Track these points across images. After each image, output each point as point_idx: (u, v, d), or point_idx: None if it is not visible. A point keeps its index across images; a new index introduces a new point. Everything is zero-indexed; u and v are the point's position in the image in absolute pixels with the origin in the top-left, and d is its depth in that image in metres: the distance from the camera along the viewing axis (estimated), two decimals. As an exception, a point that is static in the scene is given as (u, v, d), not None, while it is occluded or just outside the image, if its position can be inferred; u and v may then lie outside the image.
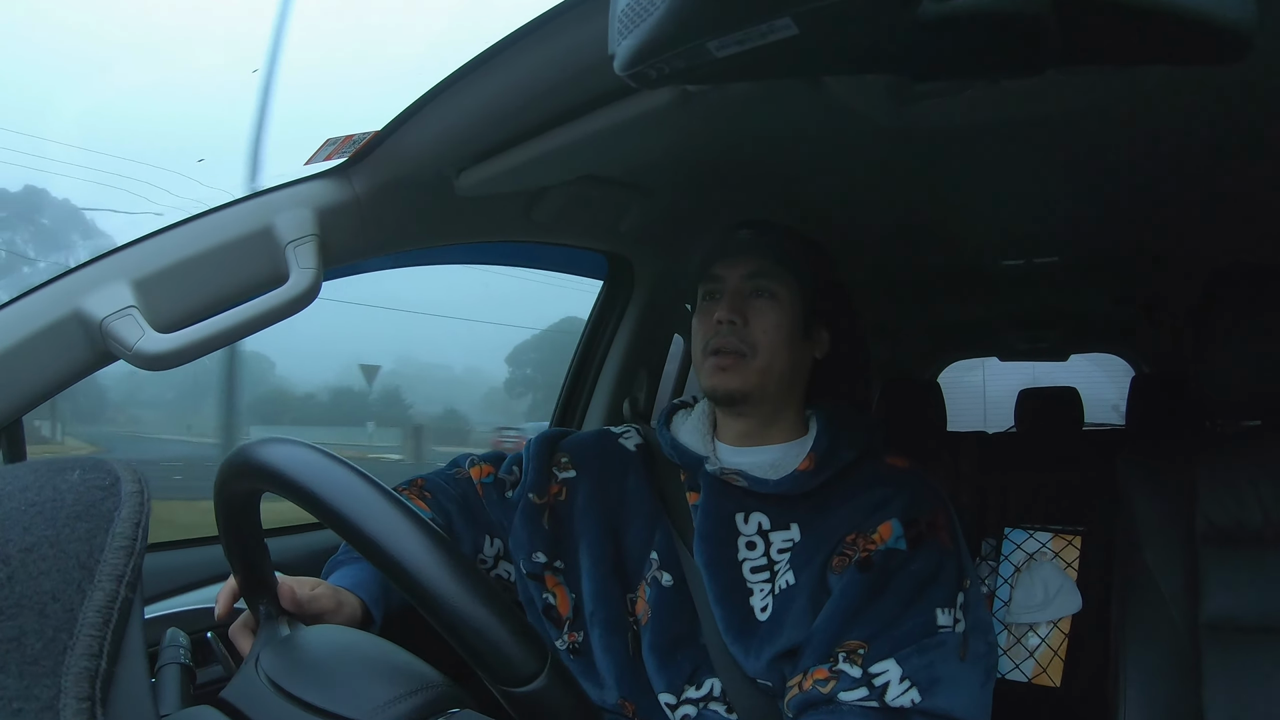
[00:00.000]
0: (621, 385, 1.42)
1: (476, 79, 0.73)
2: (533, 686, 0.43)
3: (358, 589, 0.78)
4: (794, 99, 0.80)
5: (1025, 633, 1.91)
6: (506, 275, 4.29)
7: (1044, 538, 2.01)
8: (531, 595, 0.90)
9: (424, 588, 0.44)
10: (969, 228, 1.46)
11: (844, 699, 0.71)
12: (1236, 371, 1.01)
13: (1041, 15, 0.35)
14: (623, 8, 0.40)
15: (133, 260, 0.74)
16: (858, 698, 0.71)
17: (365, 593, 0.78)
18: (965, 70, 0.53)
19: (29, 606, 0.32)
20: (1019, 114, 0.80)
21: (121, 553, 0.35)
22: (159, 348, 0.70)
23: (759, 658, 0.79)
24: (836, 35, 0.38)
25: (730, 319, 0.85)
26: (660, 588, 0.86)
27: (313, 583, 0.74)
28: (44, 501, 0.35)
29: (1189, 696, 0.96)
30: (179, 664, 0.59)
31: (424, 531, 0.45)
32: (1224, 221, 1.34)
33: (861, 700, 0.71)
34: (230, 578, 0.70)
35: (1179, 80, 0.79)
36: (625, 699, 0.85)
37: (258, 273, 0.79)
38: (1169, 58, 0.39)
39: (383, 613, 0.79)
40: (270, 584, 0.64)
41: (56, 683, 0.32)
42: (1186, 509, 1.03)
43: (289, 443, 0.49)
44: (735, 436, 0.90)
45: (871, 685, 0.71)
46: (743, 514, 0.84)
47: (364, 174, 0.85)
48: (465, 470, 0.98)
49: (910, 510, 0.80)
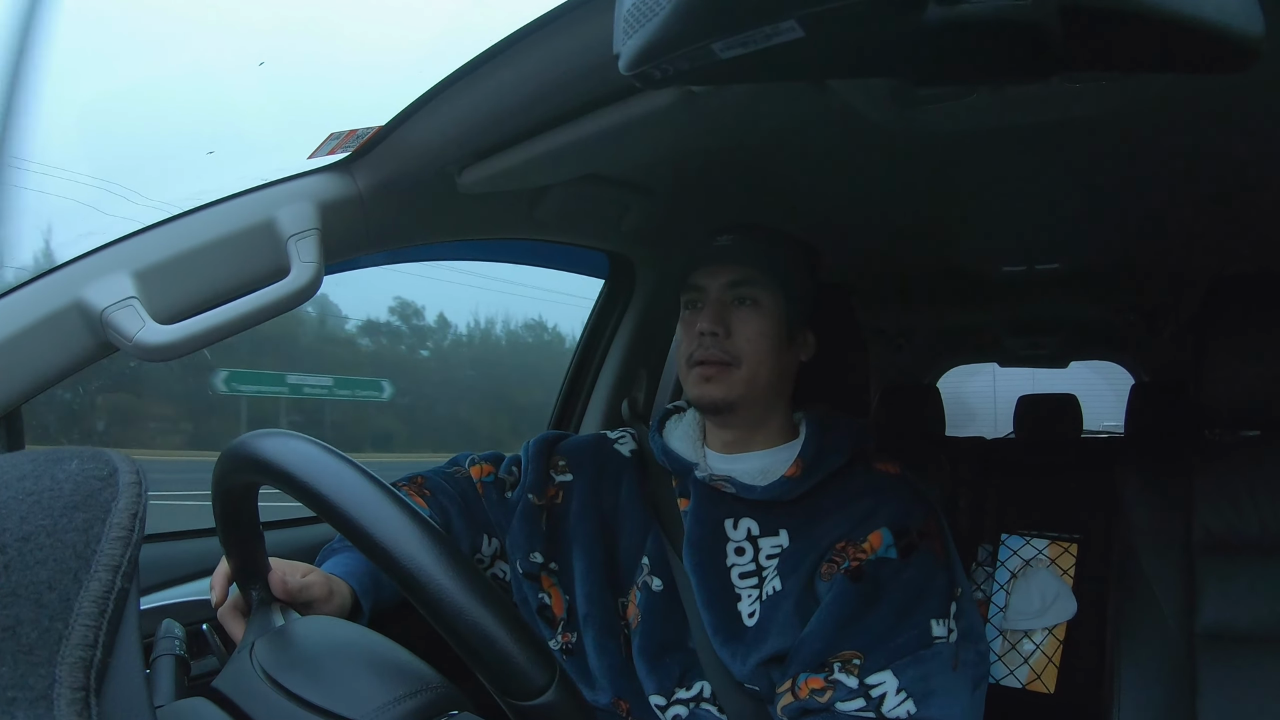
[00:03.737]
0: (621, 385, 1.42)
1: (481, 76, 0.73)
2: (541, 700, 0.42)
3: (350, 578, 0.78)
4: (797, 101, 0.80)
5: (1020, 639, 1.91)
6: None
7: (1040, 544, 2.01)
8: (527, 595, 0.91)
9: (436, 599, 0.43)
10: (970, 233, 1.46)
11: (841, 709, 0.72)
12: (1236, 382, 1.01)
13: (1046, 22, 0.35)
14: (628, 8, 0.40)
15: (134, 251, 0.73)
16: (855, 708, 0.72)
17: (356, 583, 0.78)
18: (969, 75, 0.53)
19: (25, 596, 0.32)
20: (1022, 120, 0.80)
21: (118, 543, 0.35)
22: (159, 339, 0.70)
23: (746, 663, 0.79)
24: (841, 38, 0.38)
25: (713, 330, 0.84)
26: (650, 592, 0.86)
27: (305, 568, 0.73)
28: (42, 491, 0.35)
29: (1184, 705, 0.96)
30: (174, 655, 0.58)
31: (433, 539, 0.44)
32: (1226, 231, 1.34)
33: (859, 711, 0.71)
34: (223, 561, 0.70)
35: (1183, 88, 0.79)
36: (619, 698, 0.85)
37: (259, 266, 0.79)
38: (1174, 66, 0.39)
39: (372, 604, 0.79)
40: (263, 571, 0.64)
41: (51, 672, 0.32)
42: (1184, 518, 1.03)
43: (292, 437, 0.49)
44: (722, 444, 0.90)
45: (869, 696, 0.72)
46: (732, 520, 0.84)
47: (367, 169, 0.85)
48: (465, 469, 0.98)
49: (900, 519, 0.79)
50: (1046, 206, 1.26)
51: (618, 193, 1.09)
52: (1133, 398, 2.25)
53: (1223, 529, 1.00)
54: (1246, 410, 1.02)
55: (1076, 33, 0.35)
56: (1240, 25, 0.34)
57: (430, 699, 0.47)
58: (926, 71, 0.44)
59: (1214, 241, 1.41)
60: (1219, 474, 1.03)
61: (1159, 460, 1.10)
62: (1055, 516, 2.05)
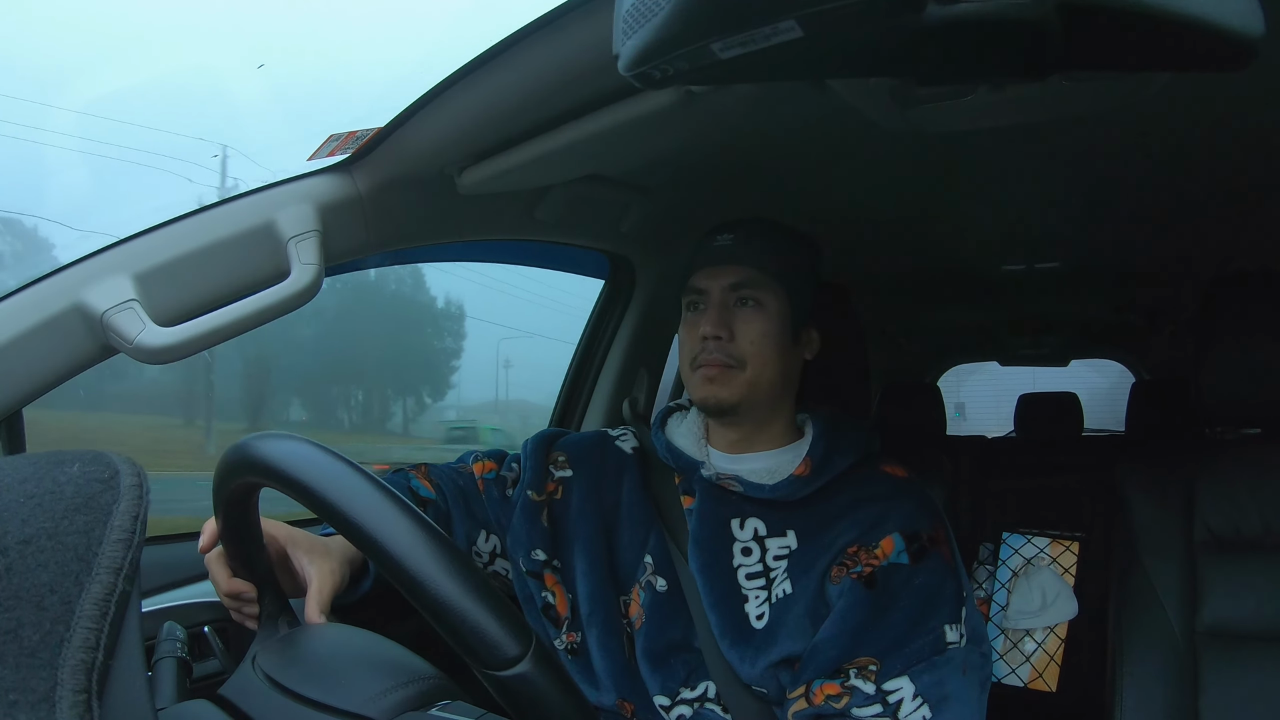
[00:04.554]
0: (621, 385, 1.42)
1: (480, 77, 0.73)
2: (516, 670, 0.43)
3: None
4: (797, 101, 0.80)
5: (1022, 637, 1.91)
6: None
7: (1042, 543, 2.01)
8: (531, 593, 0.90)
9: (406, 570, 0.44)
10: (970, 232, 1.46)
11: (857, 715, 0.72)
12: (1236, 379, 1.01)
13: (1045, 21, 0.35)
14: (627, 8, 0.40)
15: (134, 253, 0.74)
16: (871, 714, 0.72)
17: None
18: (969, 75, 0.53)
19: (26, 598, 0.32)
20: (1022, 119, 0.80)
21: (119, 546, 0.35)
22: (160, 341, 0.70)
23: (755, 665, 0.79)
24: (841, 38, 0.38)
25: (716, 334, 0.83)
26: (654, 592, 0.86)
27: (330, 570, 0.74)
28: (43, 494, 0.35)
29: (1186, 703, 0.96)
30: (175, 657, 0.59)
31: (409, 516, 0.45)
32: (1226, 229, 1.34)
33: (875, 717, 0.71)
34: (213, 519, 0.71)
35: (1182, 87, 0.79)
36: (623, 699, 0.85)
37: (259, 268, 0.79)
38: (1173, 64, 0.39)
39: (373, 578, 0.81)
40: (270, 579, 0.64)
41: (53, 675, 0.32)
42: (1186, 516, 1.03)
43: (281, 437, 0.50)
44: (727, 444, 0.89)
45: (885, 702, 0.72)
46: (738, 519, 0.84)
47: (367, 170, 0.85)
48: (469, 465, 0.98)
49: (911, 524, 0.79)
50: (1046, 206, 1.26)
51: (617, 193, 1.09)
52: (1133, 396, 2.25)
53: (1224, 527, 1.00)
54: (1247, 408, 1.02)
55: (1074, 31, 0.35)
56: (1237, 23, 0.34)
57: (422, 689, 0.48)
58: (926, 71, 0.44)
59: (1214, 240, 1.41)
60: (1220, 472, 1.03)
61: (1160, 458, 1.10)
62: (1057, 515, 2.05)
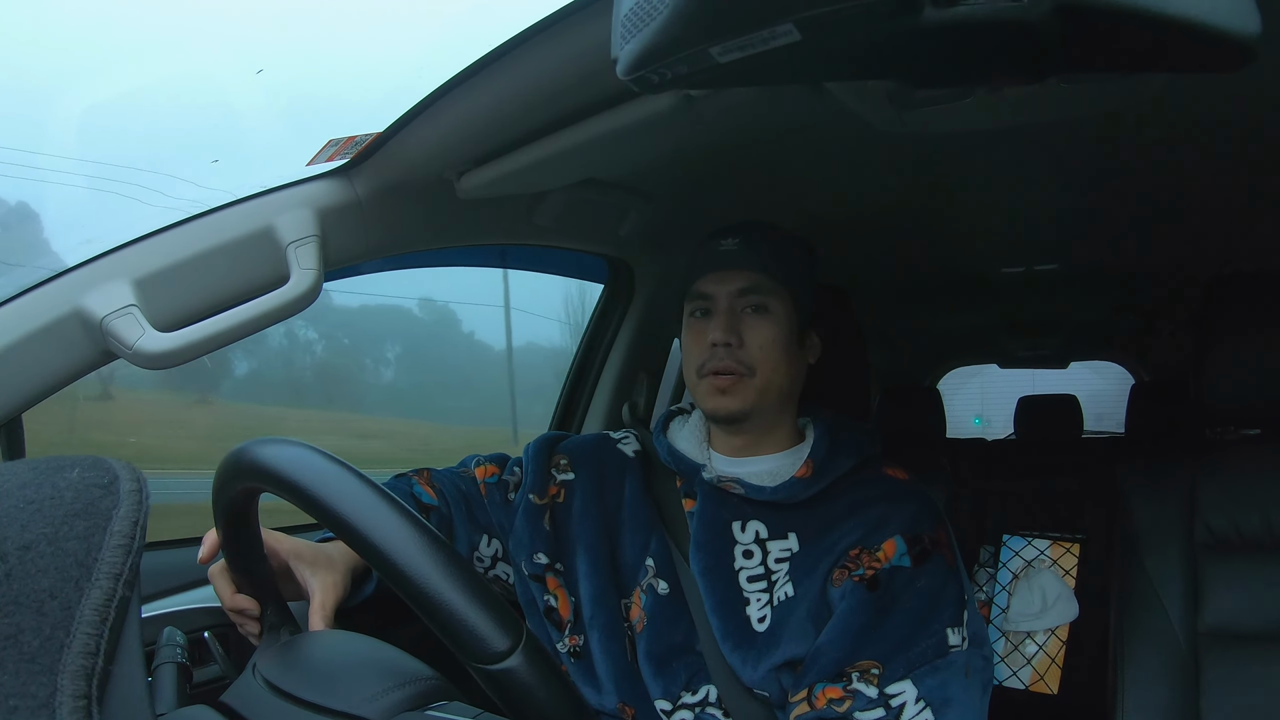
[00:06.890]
0: (621, 389, 1.42)
1: (479, 82, 0.73)
2: (505, 665, 0.43)
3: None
4: (796, 104, 0.80)
5: (1023, 640, 1.91)
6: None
7: (1042, 545, 2.01)
8: (534, 597, 0.90)
9: (396, 566, 0.44)
10: (969, 234, 1.46)
11: (860, 718, 0.72)
12: (1236, 380, 1.01)
13: (1043, 23, 0.35)
14: (625, 12, 0.40)
15: (133, 259, 0.74)
16: (874, 718, 0.72)
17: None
18: (967, 77, 0.53)
19: (26, 604, 0.32)
20: (1020, 121, 0.80)
21: (119, 551, 0.35)
22: (159, 347, 0.70)
23: (757, 668, 0.79)
24: (839, 41, 0.38)
25: (726, 341, 0.83)
26: (656, 595, 0.86)
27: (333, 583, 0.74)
28: (43, 499, 0.35)
29: (1188, 704, 0.96)
30: (176, 663, 0.59)
31: (399, 513, 0.46)
32: (1224, 230, 1.34)
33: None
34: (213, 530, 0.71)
35: (1180, 88, 0.79)
36: (624, 703, 0.84)
37: (259, 273, 0.79)
38: (1170, 66, 0.39)
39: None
40: (271, 588, 0.64)
41: (53, 681, 0.31)
42: (1186, 517, 1.03)
43: (277, 441, 0.50)
44: (730, 449, 0.89)
45: (888, 706, 0.72)
46: (739, 522, 0.84)
47: (366, 175, 0.85)
48: (471, 469, 0.98)
49: (913, 526, 0.79)
50: (1045, 207, 1.26)
51: (616, 197, 1.09)
52: (1133, 398, 2.25)
53: (1225, 527, 1.00)
54: (1247, 409, 1.02)
55: (1072, 33, 0.36)
56: (1235, 25, 0.34)
57: (419, 689, 0.48)
58: (924, 73, 0.44)
59: (1213, 241, 1.41)
60: (1221, 473, 1.03)
61: (1160, 460, 1.10)
62: (1057, 517, 2.05)
